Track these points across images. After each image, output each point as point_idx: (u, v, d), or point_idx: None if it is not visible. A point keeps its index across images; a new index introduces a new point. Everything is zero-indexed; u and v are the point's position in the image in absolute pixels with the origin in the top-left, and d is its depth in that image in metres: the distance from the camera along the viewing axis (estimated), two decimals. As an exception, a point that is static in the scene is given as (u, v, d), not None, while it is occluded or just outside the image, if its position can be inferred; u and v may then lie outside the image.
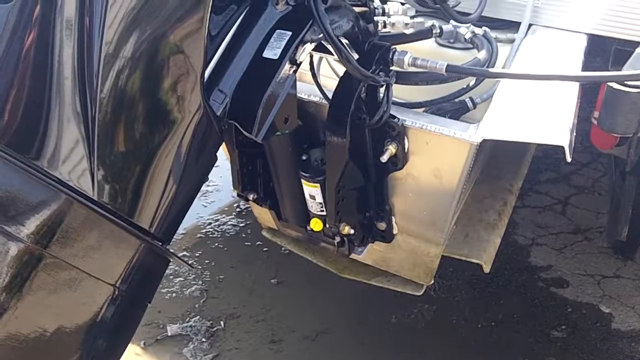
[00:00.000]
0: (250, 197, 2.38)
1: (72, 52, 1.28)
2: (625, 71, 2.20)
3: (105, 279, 1.47)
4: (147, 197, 1.49)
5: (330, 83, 2.24)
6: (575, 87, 2.13)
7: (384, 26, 2.13)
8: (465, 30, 2.44)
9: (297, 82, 1.84)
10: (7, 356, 1.35)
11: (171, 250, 1.65)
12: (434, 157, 2.07)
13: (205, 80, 1.53)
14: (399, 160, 2.09)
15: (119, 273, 1.49)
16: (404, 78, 2.09)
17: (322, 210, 2.25)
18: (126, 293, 1.52)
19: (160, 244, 1.58)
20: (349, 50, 1.86)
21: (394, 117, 2.02)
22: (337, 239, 2.32)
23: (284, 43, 1.68)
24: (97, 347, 1.53)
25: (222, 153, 1.78)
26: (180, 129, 1.49)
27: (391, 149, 2.05)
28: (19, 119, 1.29)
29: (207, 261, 3.96)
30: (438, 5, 2.31)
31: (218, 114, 1.58)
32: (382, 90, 1.99)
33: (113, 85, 1.33)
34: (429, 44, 2.52)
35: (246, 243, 4.13)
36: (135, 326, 1.68)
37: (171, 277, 3.77)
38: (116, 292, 1.50)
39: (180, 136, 1.50)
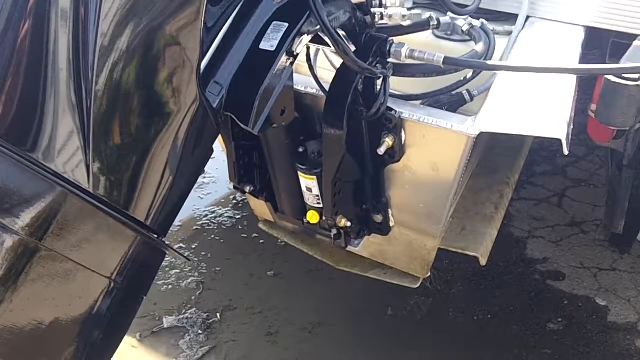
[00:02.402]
0: (247, 189, 2.37)
1: (67, 43, 1.28)
2: (623, 64, 2.20)
3: (101, 271, 1.46)
4: (143, 189, 1.49)
5: (327, 75, 2.23)
6: (572, 79, 2.13)
7: (381, 18, 2.12)
8: (462, 23, 2.43)
9: (294, 74, 1.84)
10: (3, 349, 1.34)
11: (167, 243, 1.65)
12: (431, 149, 2.06)
13: (201, 72, 1.52)
14: (396, 153, 2.09)
15: (114, 266, 1.49)
16: (401, 70, 2.08)
17: (318, 203, 2.25)
18: (122, 286, 1.52)
19: (156, 236, 1.58)
20: (346, 42, 1.86)
21: (391, 109, 2.01)
22: (334, 231, 2.31)
23: (280, 35, 1.67)
24: (93, 340, 1.53)
25: (218, 145, 1.78)
26: (177, 121, 1.49)
27: (388, 141, 2.04)
28: (13, 111, 1.29)
29: (203, 253, 3.96)
30: (435, -3, 2.30)
31: (214, 106, 1.58)
32: (379, 82, 1.99)
33: (109, 77, 1.32)
34: (426, 36, 2.50)
35: (242, 235, 4.13)
36: (131, 319, 1.68)
37: (167, 269, 3.77)
38: (112, 285, 1.50)
39: (177, 128, 1.49)
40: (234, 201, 4.46)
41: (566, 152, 1.83)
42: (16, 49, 1.26)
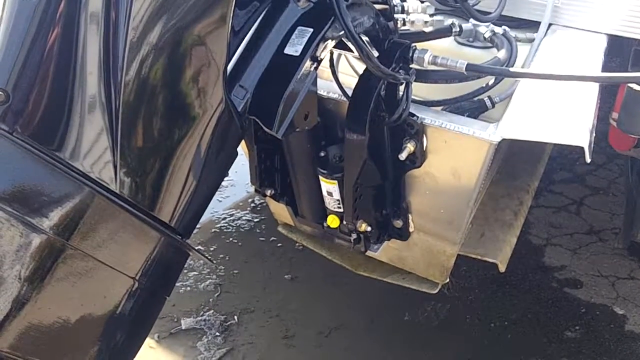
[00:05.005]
0: (268, 192, 2.38)
1: (98, 45, 1.29)
2: (646, 72, 2.20)
3: (126, 271, 1.47)
4: (168, 191, 1.50)
5: (348, 80, 2.24)
6: (594, 87, 2.13)
7: (404, 24, 2.13)
8: (484, 29, 2.44)
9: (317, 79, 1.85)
10: (29, 346, 1.36)
11: (190, 244, 1.66)
12: (453, 155, 2.07)
13: (227, 75, 1.53)
14: (417, 159, 2.09)
15: (139, 266, 1.50)
16: (424, 76, 2.09)
17: (339, 207, 2.26)
18: (146, 286, 1.53)
19: (180, 237, 1.59)
20: (370, 48, 1.87)
21: (413, 115, 2.02)
22: (354, 235, 2.32)
23: (305, 40, 1.68)
24: (116, 340, 1.54)
25: (239, 148, 1.79)
26: (202, 123, 1.50)
27: (409, 147, 2.05)
28: (42, 111, 1.30)
29: (221, 256, 3.98)
30: (458, 4, 2.31)
31: (239, 109, 1.59)
32: (401, 88, 1.99)
33: (137, 79, 1.34)
34: (448, 43, 2.52)
35: (260, 238, 4.15)
36: (153, 319, 1.69)
37: (186, 271, 3.79)
38: (136, 285, 1.51)
39: (202, 130, 1.51)
40: (252, 204, 4.48)
41: (589, 160, 1.83)
42: (47, 51, 1.28)
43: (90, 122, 1.33)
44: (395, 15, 2.08)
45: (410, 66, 1.99)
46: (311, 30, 1.70)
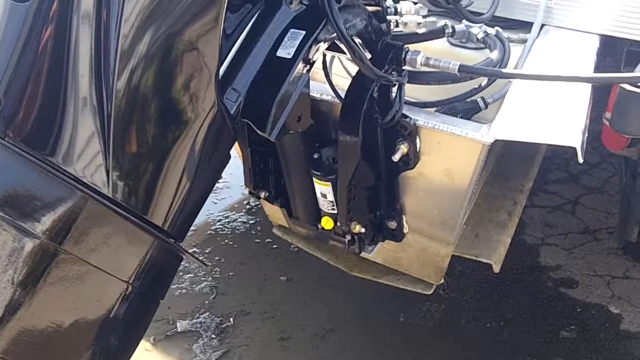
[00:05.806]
0: (262, 195, 2.38)
1: (89, 48, 1.29)
2: (638, 72, 2.20)
3: (119, 275, 1.47)
4: (161, 194, 1.50)
5: (342, 82, 2.24)
6: (587, 88, 2.13)
7: (397, 25, 2.13)
8: (477, 30, 2.44)
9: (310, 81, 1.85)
10: (22, 351, 1.36)
11: (183, 248, 1.66)
12: (446, 156, 2.07)
13: (219, 78, 1.53)
14: (411, 160, 2.09)
15: (132, 270, 1.50)
16: (417, 78, 2.09)
17: (333, 209, 2.26)
18: (139, 289, 1.53)
19: (174, 241, 1.59)
20: (362, 50, 1.87)
21: (406, 116, 2.02)
22: (348, 237, 2.32)
23: (297, 42, 1.68)
24: (110, 344, 1.54)
25: (233, 150, 1.80)
26: (195, 126, 1.50)
27: (403, 148, 2.05)
28: (34, 115, 1.30)
29: (217, 258, 3.98)
30: (451, 5, 2.31)
31: (232, 112, 1.59)
32: (394, 89, 1.99)
33: (129, 82, 1.33)
34: (441, 44, 2.52)
35: (256, 240, 4.15)
36: (147, 322, 1.69)
37: (181, 273, 3.79)
38: (129, 289, 1.51)
39: (195, 134, 1.51)
40: (248, 206, 4.48)
41: (581, 160, 1.83)
42: (38, 54, 1.28)
43: (82, 126, 1.32)
44: (388, 17, 2.08)
45: (403, 68, 1.99)
46: (303, 32, 1.70)
